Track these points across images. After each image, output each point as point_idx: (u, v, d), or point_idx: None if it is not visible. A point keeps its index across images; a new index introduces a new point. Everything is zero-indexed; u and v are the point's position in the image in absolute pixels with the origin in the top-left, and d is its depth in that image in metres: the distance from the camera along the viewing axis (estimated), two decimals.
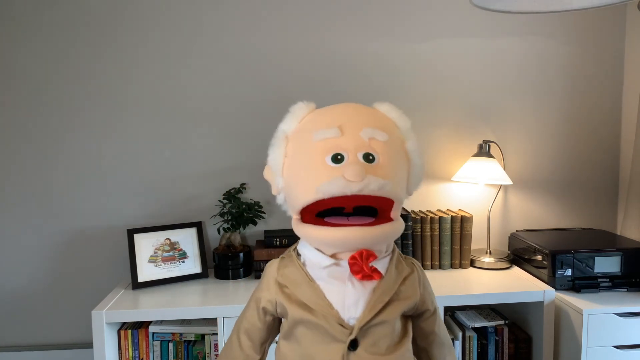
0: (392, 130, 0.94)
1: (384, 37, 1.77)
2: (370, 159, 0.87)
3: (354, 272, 0.88)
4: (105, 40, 1.70)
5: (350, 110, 0.94)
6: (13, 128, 1.71)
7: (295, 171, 0.91)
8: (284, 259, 0.99)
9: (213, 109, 1.75)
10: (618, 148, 1.88)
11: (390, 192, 0.86)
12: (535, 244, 1.60)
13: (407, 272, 0.96)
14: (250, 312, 1.00)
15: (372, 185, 0.83)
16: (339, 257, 0.90)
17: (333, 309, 0.89)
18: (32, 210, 1.74)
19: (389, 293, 0.91)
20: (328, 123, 0.91)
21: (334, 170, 0.85)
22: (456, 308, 1.67)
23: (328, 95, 1.77)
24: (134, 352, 1.51)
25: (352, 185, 0.83)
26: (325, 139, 0.88)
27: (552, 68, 1.83)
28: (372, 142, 0.89)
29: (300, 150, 0.92)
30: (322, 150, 0.87)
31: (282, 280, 0.95)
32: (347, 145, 0.87)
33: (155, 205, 1.77)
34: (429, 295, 1.00)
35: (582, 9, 1.16)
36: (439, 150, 1.83)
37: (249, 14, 1.73)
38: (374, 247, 0.90)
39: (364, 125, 0.90)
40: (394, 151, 0.91)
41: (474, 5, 1.19)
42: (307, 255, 0.95)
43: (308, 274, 0.93)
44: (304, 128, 0.93)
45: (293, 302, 0.92)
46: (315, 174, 0.87)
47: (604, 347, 1.37)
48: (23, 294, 1.76)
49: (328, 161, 0.86)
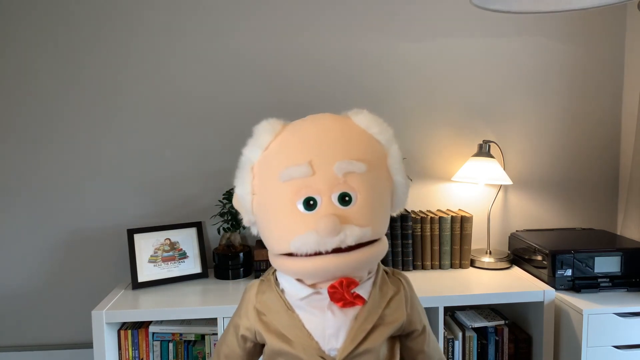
0: (372, 154, 0.85)
1: (384, 37, 1.77)
2: (346, 200, 0.80)
3: (335, 300, 0.83)
4: (106, 40, 1.70)
5: (321, 134, 0.84)
6: (13, 128, 1.71)
7: (266, 216, 0.85)
8: (262, 282, 0.94)
9: (213, 109, 1.75)
10: (618, 148, 1.88)
11: (370, 238, 0.81)
12: (535, 244, 1.60)
13: (392, 293, 0.91)
14: (230, 338, 0.96)
15: (349, 240, 0.78)
16: (319, 286, 0.85)
17: (313, 340, 0.85)
18: (32, 210, 1.74)
19: (372, 319, 0.86)
20: (296, 157, 0.81)
21: (306, 221, 0.79)
22: (456, 308, 1.67)
23: (327, 96, 1.77)
24: (134, 352, 1.51)
25: (327, 242, 0.77)
26: (294, 179, 0.80)
27: (552, 68, 1.83)
28: (349, 177, 0.80)
29: (268, 191, 0.84)
30: (291, 193, 0.80)
31: (260, 307, 0.90)
32: (320, 186, 0.79)
33: (155, 205, 1.77)
34: (417, 315, 0.94)
35: (582, 9, 1.16)
36: (439, 150, 1.83)
37: (249, 15, 1.73)
38: (355, 273, 0.84)
39: (338, 158, 0.80)
40: (374, 182, 0.83)
41: (474, 5, 1.19)
42: (285, 285, 0.90)
43: (287, 302, 0.88)
44: (270, 161, 0.84)
45: (271, 332, 0.88)
46: (287, 225, 0.81)
47: (604, 347, 1.37)
48: (23, 294, 1.76)
49: (300, 206, 0.80)
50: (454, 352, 1.53)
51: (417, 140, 1.82)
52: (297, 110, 1.74)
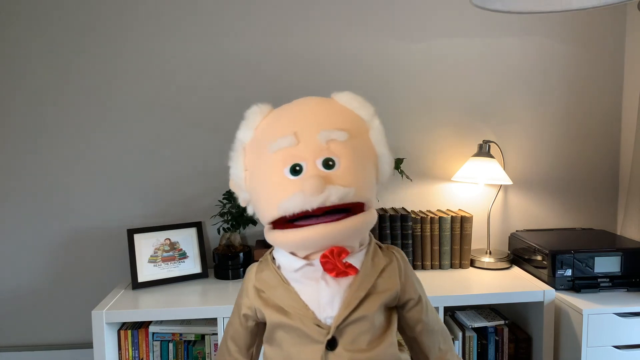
0: (353, 124, 0.90)
1: (384, 37, 1.77)
2: (330, 164, 0.84)
3: (328, 270, 0.87)
4: (105, 40, 1.70)
5: (305, 110, 0.91)
6: (13, 128, 1.71)
7: (256, 186, 0.90)
8: (261, 263, 0.98)
9: (213, 109, 1.75)
10: (618, 148, 1.88)
11: (355, 198, 0.84)
12: (535, 244, 1.60)
13: (385, 263, 0.94)
14: (234, 319, 1.01)
15: (333, 197, 0.81)
16: (311, 257, 0.89)
17: (309, 309, 0.88)
18: (32, 210, 1.74)
19: (365, 287, 0.89)
20: (283, 130, 0.87)
21: (293, 184, 0.83)
22: (456, 308, 1.67)
23: (327, 95, 1.76)
24: (134, 352, 1.51)
25: (312, 199, 0.81)
26: (282, 148, 0.85)
27: (552, 68, 1.83)
28: (331, 144, 0.85)
29: (258, 164, 0.90)
30: (279, 162, 0.85)
31: (259, 285, 0.94)
32: (305, 153, 0.84)
33: (155, 205, 1.77)
34: (411, 285, 0.97)
35: (582, 9, 1.16)
36: (439, 150, 1.83)
37: (249, 14, 1.73)
38: (344, 242, 0.88)
39: (321, 127, 0.86)
40: (356, 149, 0.88)
41: (474, 5, 1.19)
42: (280, 259, 0.94)
43: (283, 276, 0.92)
44: (260, 137, 0.91)
45: (269, 307, 0.91)
46: (275, 190, 0.85)
47: (604, 347, 1.37)
48: (23, 294, 1.76)
49: (287, 173, 0.84)
50: None
51: (417, 140, 1.82)
52: None
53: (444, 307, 1.46)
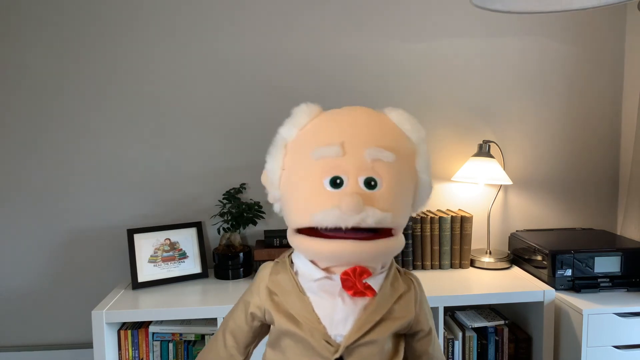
0: (401, 145, 0.88)
1: (384, 37, 1.77)
2: (372, 184, 0.82)
3: (346, 288, 0.85)
4: (106, 40, 1.70)
5: (355, 122, 0.87)
6: (13, 128, 1.71)
7: (292, 190, 0.88)
8: (277, 264, 0.96)
9: (213, 109, 1.75)
10: (618, 148, 1.88)
11: (390, 224, 0.83)
12: (535, 244, 1.60)
13: (403, 290, 0.92)
14: (238, 314, 0.98)
15: (370, 220, 0.79)
16: (332, 270, 0.87)
17: (320, 324, 0.86)
18: (32, 210, 1.74)
19: (381, 312, 0.87)
20: (330, 139, 0.84)
21: (331, 197, 0.81)
22: (456, 308, 1.67)
23: (328, 96, 1.77)
24: (134, 352, 1.51)
25: (348, 218, 0.79)
26: (325, 157, 0.83)
27: (552, 68, 1.83)
28: (377, 163, 0.83)
29: (298, 167, 0.87)
30: (320, 170, 0.83)
31: (273, 287, 0.92)
32: (348, 167, 0.82)
33: (155, 205, 1.77)
34: (424, 315, 0.96)
35: (582, 9, 1.16)
36: (439, 150, 1.83)
37: (249, 14, 1.73)
38: (369, 263, 0.86)
39: (369, 145, 0.84)
40: (400, 173, 0.86)
41: (474, 5, 1.19)
42: (299, 265, 0.91)
43: (299, 284, 0.90)
44: (304, 140, 0.88)
45: (280, 312, 0.90)
46: (312, 199, 0.83)
47: (604, 347, 1.37)
48: (23, 294, 1.76)
49: (326, 184, 0.82)
50: (454, 352, 1.53)
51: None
52: None
53: (444, 307, 1.46)
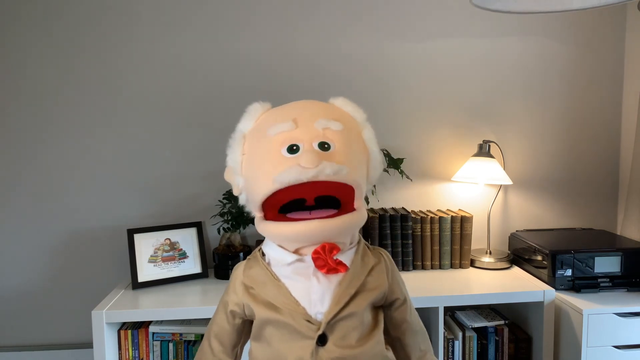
0: (347, 121, 0.95)
1: (384, 37, 1.77)
2: (325, 147, 0.87)
3: (319, 267, 0.88)
4: (106, 40, 1.71)
5: (304, 105, 0.96)
6: (12, 129, 1.71)
7: (253, 166, 0.92)
8: (249, 260, 0.99)
9: (213, 109, 1.75)
10: (618, 148, 1.88)
11: (347, 177, 0.87)
12: (535, 244, 1.60)
13: (373, 262, 0.96)
14: (219, 316, 1.00)
15: (327, 170, 0.84)
16: (302, 252, 0.90)
17: (299, 305, 0.89)
18: (32, 210, 1.74)
19: (355, 285, 0.91)
20: (283, 118, 0.91)
21: (289, 160, 0.86)
22: (456, 308, 1.67)
23: (327, 96, 1.76)
24: (134, 352, 1.51)
25: (308, 171, 0.83)
26: (281, 132, 0.89)
27: (552, 68, 1.83)
28: (327, 131, 0.89)
29: (256, 146, 0.92)
30: (277, 143, 0.88)
31: (248, 282, 0.95)
32: (302, 136, 0.88)
33: (155, 205, 1.77)
34: (397, 285, 0.99)
35: (582, 9, 1.16)
36: (439, 150, 1.83)
37: (248, 14, 1.73)
38: (337, 239, 0.90)
39: (318, 117, 0.91)
40: (350, 139, 0.92)
41: (474, 5, 1.19)
42: (271, 254, 0.95)
43: (273, 273, 0.93)
44: (260, 126, 0.94)
45: (259, 303, 0.92)
46: (272, 166, 0.87)
47: (604, 347, 1.37)
48: (23, 294, 1.76)
49: (284, 152, 0.87)
50: (454, 352, 1.53)
51: (417, 140, 1.82)
52: None
53: (444, 307, 1.46)
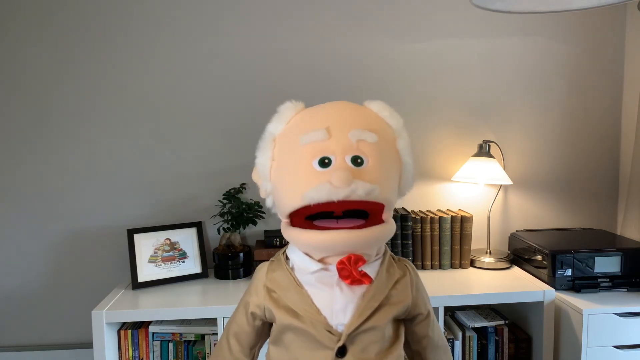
0: (382, 130, 0.92)
1: (384, 37, 1.77)
2: (358, 162, 0.85)
3: (343, 277, 0.87)
4: (105, 40, 1.70)
5: (339, 110, 0.92)
6: (13, 128, 1.71)
7: (282, 176, 0.90)
8: (273, 262, 0.98)
9: (213, 109, 1.75)
10: (618, 148, 1.88)
11: (378, 197, 0.85)
12: (535, 244, 1.60)
13: (398, 276, 0.94)
14: (240, 316, 0.99)
15: (360, 191, 0.82)
16: (327, 261, 0.89)
17: (321, 314, 0.88)
18: (32, 210, 1.74)
19: (379, 298, 0.89)
20: (315, 125, 0.88)
21: (320, 176, 0.83)
22: (456, 308, 1.67)
23: (327, 96, 1.77)
24: (134, 352, 1.51)
25: (339, 191, 0.81)
26: (313, 142, 0.86)
27: (552, 68, 1.83)
28: (361, 144, 0.87)
29: (287, 154, 0.90)
30: (309, 154, 0.86)
31: (270, 285, 0.94)
32: (335, 148, 0.85)
33: (155, 205, 1.77)
34: (421, 299, 0.98)
35: (582, 9, 1.16)
36: (439, 150, 1.83)
37: (248, 15, 1.73)
38: (363, 250, 0.88)
39: (353, 127, 0.88)
40: (384, 152, 0.89)
41: (474, 5, 1.19)
42: (295, 260, 0.93)
43: (296, 278, 0.92)
44: (292, 130, 0.91)
45: (281, 308, 0.91)
46: (302, 180, 0.85)
47: (604, 347, 1.37)
48: (23, 294, 1.76)
49: (315, 165, 0.85)
50: (454, 352, 1.53)
51: (417, 140, 1.82)
52: None
53: (444, 307, 1.46)
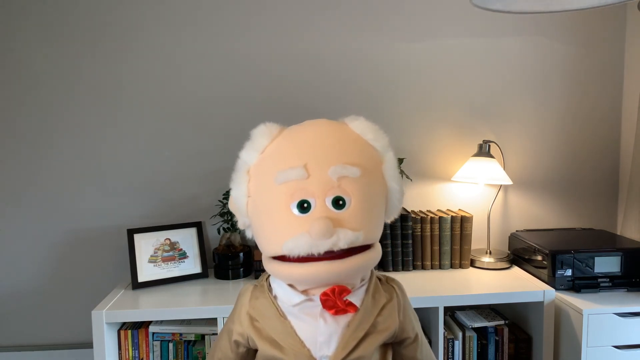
0: (366, 158, 0.85)
1: (384, 37, 1.77)
2: (340, 204, 0.80)
3: (327, 308, 0.83)
4: (105, 40, 1.70)
5: (318, 140, 0.84)
6: (13, 128, 1.71)
7: (260, 218, 0.85)
8: (256, 288, 0.94)
9: (213, 109, 1.75)
10: (618, 148, 1.88)
11: (363, 242, 0.81)
12: (535, 244, 1.60)
13: (385, 300, 0.90)
14: (223, 343, 0.96)
15: (341, 243, 0.77)
16: (311, 292, 0.85)
17: (305, 347, 0.84)
18: (32, 210, 1.74)
19: (365, 327, 0.86)
20: (292, 160, 0.82)
21: (299, 223, 0.79)
22: (456, 308, 1.67)
23: (327, 96, 1.77)
24: (134, 352, 1.51)
25: (320, 244, 0.77)
26: (290, 181, 0.80)
27: (552, 68, 1.83)
28: (343, 180, 0.81)
29: (263, 194, 0.84)
30: (286, 195, 0.80)
31: (253, 313, 0.90)
32: (314, 189, 0.80)
33: (155, 205, 1.77)
34: (409, 322, 0.94)
35: (582, 9, 1.16)
36: (439, 150, 1.83)
37: (252, 15, 1.73)
38: (347, 280, 0.85)
39: (333, 162, 0.81)
40: (368, 186, 0.83)
41: (474, 5, 1.19)
42: (278, 290, 0.90)
43: (279, 308, 0.88)
44: (266, 164, 0.85)
45: (263, 338, 0.88)
46: (280, 226, 0.81)
47: (604, 347, 1.37)
48: (23, 294, 1.76)
49: (293, 209, 0.80)
50: (454, 352, 1.53)
51: (417, 140, 1.82)
52: (296, 111, 1.75)
53: (444, 307, 1.46)
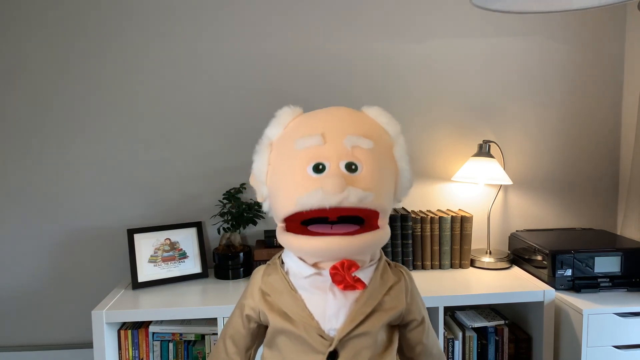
0: (378, 136, 0.92)
1: (384, 37, 1.77)
2: (352, 168, 0.85)
3: (336, 282, 0.87)
4: (106, 40, 1.70)
5: (335, 116, 0.92)
6: (12, 129, 1.71)
7: (278, 180, 0.90)
8: (269, 266, 0.99)
9: (213, 109, 1.75)
10: (618, 148, 1.88)
11: (372, 204, 0.84)
12: (535, 244, 1.60)
13: (393, 281, 0.94)
14: (235, 319, 1.00)
15: (352, 198, 0.82)
16: (321, 266, 0.90)
17: (313, 319, 0.89)
18: (33, 210, 1.74)
19: (372, 304, 0.90)
20: (311, 130, 0.89)
21: (314, 182, 0.84)
22: (456, 308, 1.67)
23: (327, 96, 1.77)
24: (134, 352, 1.51)
25: (331, 198, 0.81)
26: (308, 147, 0.87)
27: (552, 68, 1.83)
28: (356, 150, 0.87)
29: (282, 159, 0.90)
30: (303, 159, 0.86)
31: (265, 289, 0.95)
32: (329, 154, 0.86)
33: (155, 205, 1.77)
34: (416, 305, 0.97)
35: (582, 9, 1.16)
36: (439, 150, 1.83)
37: (249, 16, 1.73)
38: (357, 256, 0.88)
39: (348, 133, 0.88)
40: (379, 159, 0.89)
41: (474, 5, 1.19)
42: (290, 264, 0.94)
43: (290, 283, 0.92)
44: (288, 135, 0.92)
45: (274, 311, 0.92)
46: (296, 185, 0.85)
47: (604, 347, 1.37)
48: (23, 294, 1.76)
49: (309, 171, 0.85)
50: (454, 352, 1.53)
51: (417, 140, 1.82)
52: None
53: (444, 307, 1.46)
